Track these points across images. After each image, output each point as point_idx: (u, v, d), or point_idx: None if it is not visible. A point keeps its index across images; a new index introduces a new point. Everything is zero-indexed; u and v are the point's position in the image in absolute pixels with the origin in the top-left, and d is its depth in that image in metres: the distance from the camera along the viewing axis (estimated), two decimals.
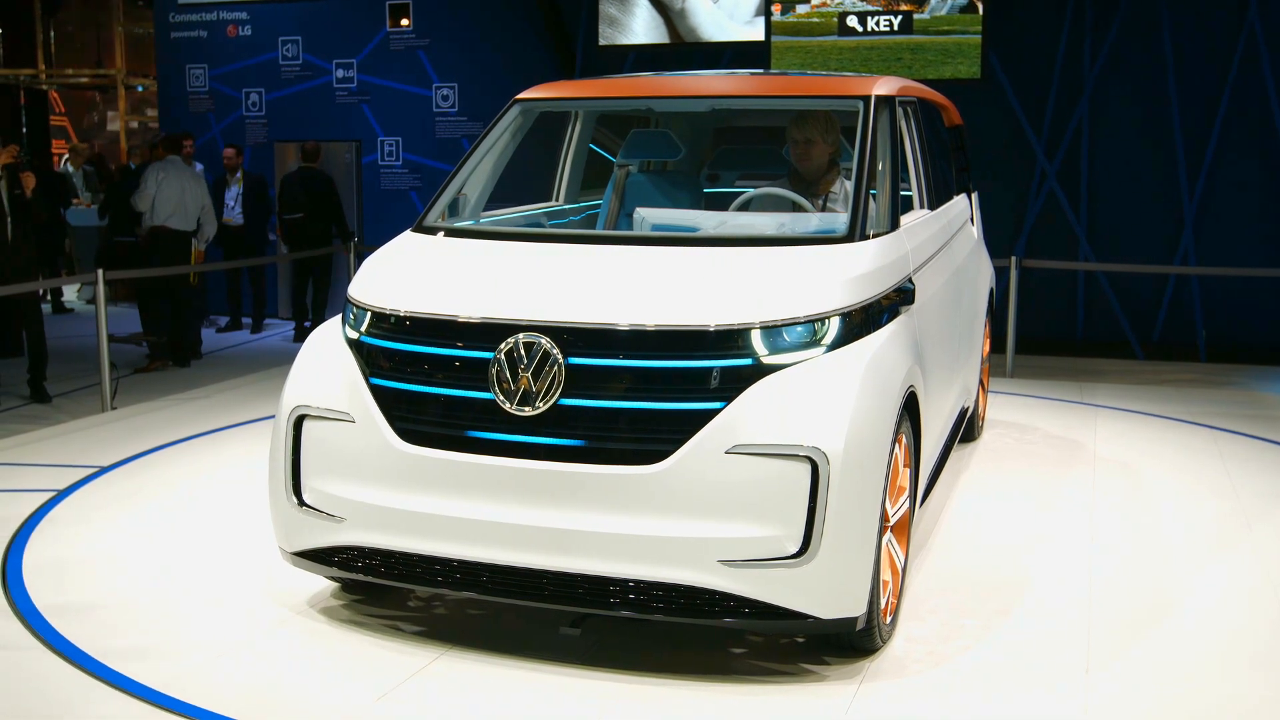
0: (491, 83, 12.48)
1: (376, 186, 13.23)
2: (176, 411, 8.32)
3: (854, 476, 3.81)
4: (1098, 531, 5.67)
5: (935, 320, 5.21)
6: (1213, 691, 4.04)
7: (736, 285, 4.06)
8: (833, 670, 4.13)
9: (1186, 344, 10.85)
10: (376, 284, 4.42)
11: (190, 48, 13.87)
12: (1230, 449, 7.28)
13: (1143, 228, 10.94)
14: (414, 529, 4.05)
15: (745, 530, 3.77)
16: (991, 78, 11.06)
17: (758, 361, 3.89)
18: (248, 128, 13.71)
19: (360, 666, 4.17)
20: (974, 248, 6.89)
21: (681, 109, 6.40)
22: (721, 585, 3.79)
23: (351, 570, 4.26)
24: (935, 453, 5.41)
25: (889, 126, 4.95)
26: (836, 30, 11.40)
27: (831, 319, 4.02)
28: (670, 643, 4.31)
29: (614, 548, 3.83)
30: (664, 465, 3.81)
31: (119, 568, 5.16)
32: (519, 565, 3.94)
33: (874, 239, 4.47)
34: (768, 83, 5.92)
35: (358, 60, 13.24)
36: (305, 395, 4.33)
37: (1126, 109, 10.89)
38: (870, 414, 3.91)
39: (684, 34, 11.80)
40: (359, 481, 4.15)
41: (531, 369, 3.93)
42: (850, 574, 3.86)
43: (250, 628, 4.51)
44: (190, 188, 10.55)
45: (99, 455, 7.07)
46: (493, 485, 3.94)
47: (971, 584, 4.98)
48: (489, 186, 5.46)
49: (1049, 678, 4.11)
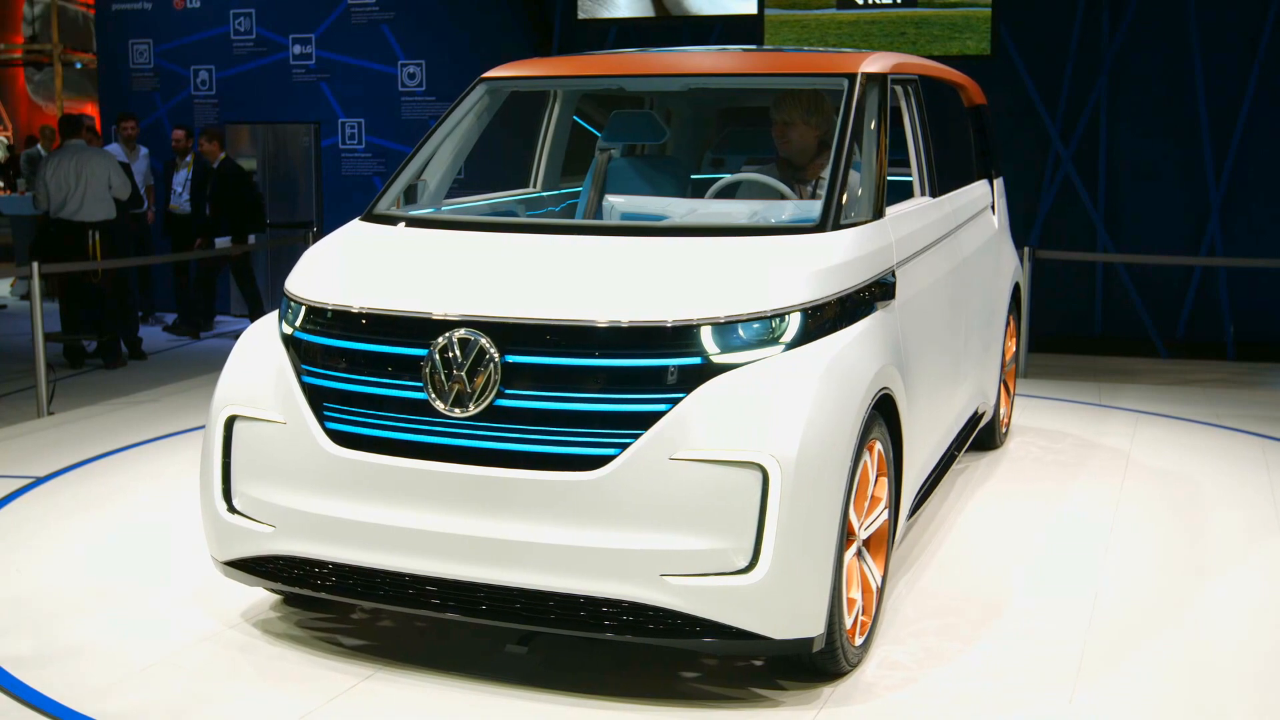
0: (462, 60, 12.29)
1: (337, 172, 13.05)
2: (119, 417, 8.20)
3: (808, 486, 3.74)
4: (1116, 551, 5.51)
5: (930, 316, 5.12)
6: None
7: (688, 278, 4.02)
8: (789, 695, 4.05)
9: (1213, 341, 10.75)
10: (312, 276, 4.41)
11: (134, 21, 13.61)
12: (1278, 458, 7.10)
13: (1165, 216, 10.84)
14: (344, 538, 4.03)
15: (690, 543, 3.72)
16: (1002, 54, 10.94)
17: (707, 360, 3.83)
18: (196, 108, 13.47)
19: (288, 684, 4.14)
20: (993, 238, 6.73)
21: (653, 88, 6.34)
22: (665, 601, 3.74)
23: (282, 581, 4.25)
24: (929, 460, 5.30)
25: (877, 107, 4.86)
26: (835, 4, 11.27)
27: (791, 315, 3.96)
28: (621, 663, 4.25)
29: (551, 560, 3.80)
30: (604, 472, 3.76)
31: (53, 584, 5.07)
32: (453, 578, 3.92)
33: (849, 229, 4.39)
34: (749, 60, 5.76)
35: (316, 35, 13.03)
36: (236, 395, 4.33)
37: (1148, 87, 10.78)
38: (829, 419, 3.83)
39: (670, 7, 11.66)
40: (289, 487, 4.14)
41: (466, 367, 3.90)
42: (804, 591, 3.79)
43: (180, 642, 4.49)
44: (88, 173, 10.08)
45: (35, 465, 6.93)
46: (426, 492, 3.91)
47: (965, 605, 4.86)
48: (451, 172, 5.41)
49: (1028, 708, 4.01)
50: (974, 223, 6.29)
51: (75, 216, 10.07)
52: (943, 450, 5.63)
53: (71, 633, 4.57)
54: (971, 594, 4.98)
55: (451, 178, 5.43)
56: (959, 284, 5.72)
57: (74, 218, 10.07)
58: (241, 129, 12.86)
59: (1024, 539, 5.70)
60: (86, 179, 10.07)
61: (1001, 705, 4.02)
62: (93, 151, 10.33)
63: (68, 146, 10.29)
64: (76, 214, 10.07)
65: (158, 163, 12.68)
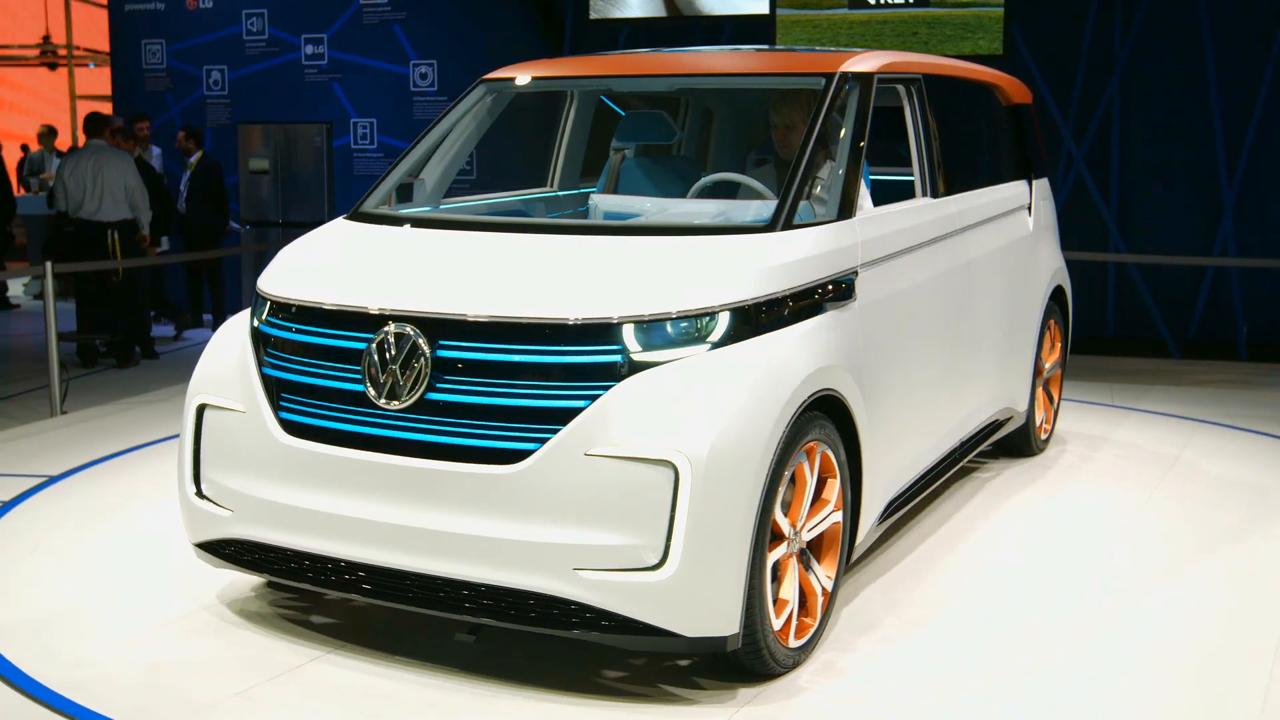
0: (474, 60, 12.32)
1: (349, 172, 13.12)
2: (131, 416, 8.27)
3: (719, 485, 3.79)
4: (1125, 567, 5.38)
5: (915, 316, 5.14)
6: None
7: (622, 277, 4.13)
8: (706, 695, 4.11)
9: (1226, 342, 10.77)
10: (278, 271, 4.65)
11: (146, 21, 13.72)
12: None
13: (1178, 216, 10.87)
14: (291, 524, 4.24)
15: (603, 538, 3.81)
16: (1014, 54, 10.97)
17: (628, 358, 3.92)
18: (209, 109, 13.58)
19: (239, 660, 4.37)
20: (1026, 239, 6.65)
21: (638, 89, 6.50)
22: (578, 595, 3.84)
23: (241, 565, 4.47)
24: (914, 464, 5.26)
25: (856, 108, 4.93)
26: (847, 4, 11.33)
27: (720, 314, 4.03)
28: (559, 656, 4.34)
29: (472, 551, 3.93)
30: (522, 466, 3.88)
31: (62, 582, 5.16)
32: (386, 566, 4.09)
33: (800, 230, 4.45)
34: (732, 60, 5.88)
35: (328, 35, 13.12)
36: (206, 385, 4.58)
37: (1160, 87, 10.80)
38: (745, 419, 3.87)
39: (682, 7, 11.74)
40: (245, 474, 4.36)
41: (400, 360, 4.06)
42: (714, 590, 3.84)
43: (152, 622, 4.73)
44: (106, 175, 10.20)
45: (48, 464, 7.00)
46: (363, 481, 4.08)
47: (935, 612, 4.82)
48: (450, 172, 5.54)
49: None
50: (995, 223, 6.23)
51: (94, 216, 10.20)
52: (939, 454, 5.59)
53: (62, 619, 4.74)
54: (949, 602, 4.94)
55: (451, 177, 5.53)
56: (964, 285, 5.70)
57: (93, 218, 10.20)
58: (254, 129, 12.95)
59: (1025, 548, 5.65)
60: (104, 179, 10.18)
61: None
62: (112, 152, 10.42)
63: (88, 146, 10.40)
64: (95, 214, 10.20)
65: (170, 163, 12.81)
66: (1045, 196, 7.16)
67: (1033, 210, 6.87)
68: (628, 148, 6.27)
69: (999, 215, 6.32)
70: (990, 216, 6.18)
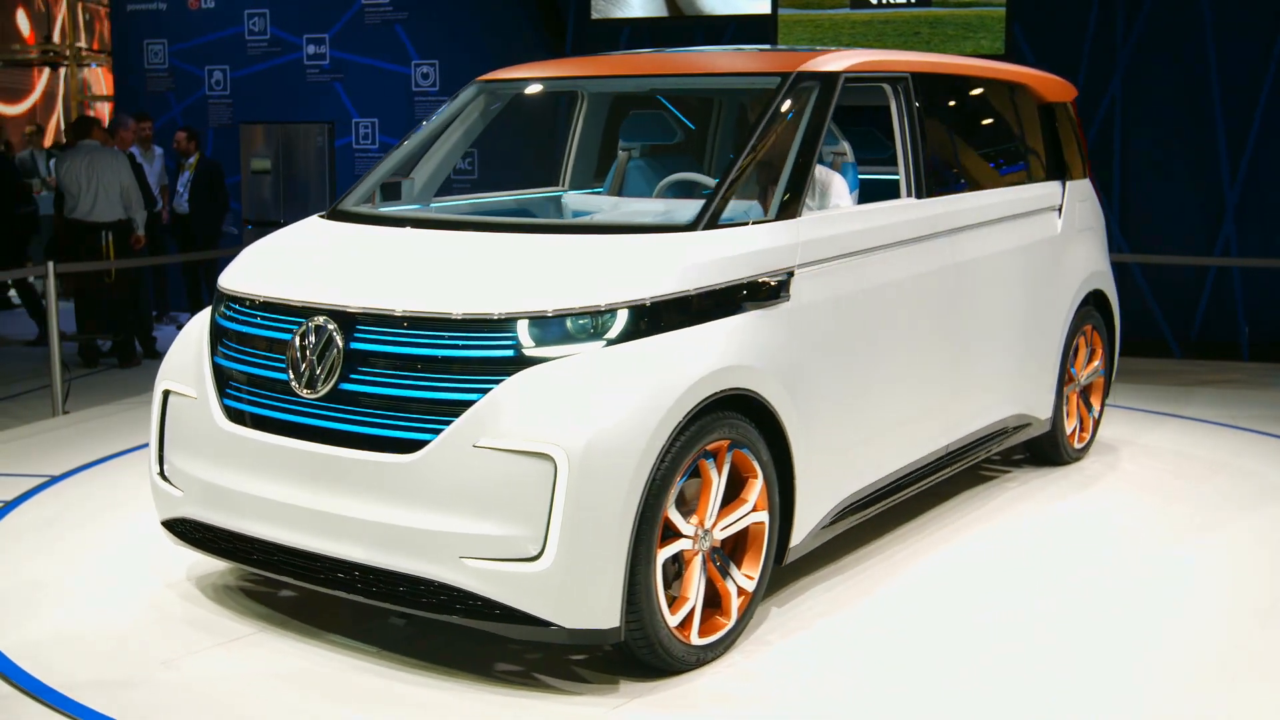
0: (475, 60, 12.31)
1: (351, 172, 13.16)
2: (132, 415, 8.30)
3: (597, 479, 3.90)
4: (1108, 580, 5.24)
5: (879, 318, 5.13)
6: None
7: (531, 273, 4.28)
8: (589, 689, 4.21)
9: (1227, 342, 10.83)
10: (236, 265, 4.91)
11: (148, 21, 13.82)
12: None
13: (1180, 216, 10.92)
14: (226, 505, 4.51)
15: (489, 528, 3.96)
16: (1016, 53, 11.02)
17: (520, 353, 4.06)
18: (211, 109, 13.68)
19: (187, 629, 4.67)
20: (1052, 241, 6.56)
21: (611, 89, 6.64)
22: (464, 583, 4.00)
23: (191, 544, 4.73)
24: (871, 467, 5.20)
25: (810, 108, 4.96)
26: (849, 3, 11.39)
27: (618, 311, 4.14)
28: (480, 641, 4.51)
29: (369, 536, 4.13)
30: (417, 455, 4.05)
31: (62, 576, 5.24)
32: (302, 548, 4.32)
33: (722, 229, 4.52)
34: (698, 60, 5.96)
35: (330, 35, 13.21)
36: (170, 371, 4.90)
37: (1162, 86, 10.85)
38: (628, 415, 3.97)
39: (684, 7, 11.81)
40: (194, 456, 4.65)
41: (317, 351, 4.30)
42: (592, 582, 3.95)
43: (121, 595, 5.04)
44: (102, 175, 10.25)
45: (50, 463, 7.06)
46: (284, 466, 4.32)
47: (879, 619, 4.79)
48: (441, 171, 5.68)
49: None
50: (1008, 224, 6.17)
51: (88, 217, 10.25)
52: (915, 457, 5.50)
53: (62, 620, 4.83)
54: (894, 607, 4.90)
55: (443, 177, 5.65)
56: (954, 287, 5.65)
57: (86, 218, 10.25)
58: (256, 129, 13.02)
59: (1000, 558, 5.52)
60: (98, 180, 10.23)
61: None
62: (106, 153, 10.44)
63: (81, 147, 10.41)
64: (89, 214, 10.25)
65: (170, 164, 12.91)
66: (1084, 198, 7.01)
67: (1064, 212, 6.72)
68: (634, 147, 6.35)
69: (1013, 216, 6.23)
70: (1000, 217, 6.10)
